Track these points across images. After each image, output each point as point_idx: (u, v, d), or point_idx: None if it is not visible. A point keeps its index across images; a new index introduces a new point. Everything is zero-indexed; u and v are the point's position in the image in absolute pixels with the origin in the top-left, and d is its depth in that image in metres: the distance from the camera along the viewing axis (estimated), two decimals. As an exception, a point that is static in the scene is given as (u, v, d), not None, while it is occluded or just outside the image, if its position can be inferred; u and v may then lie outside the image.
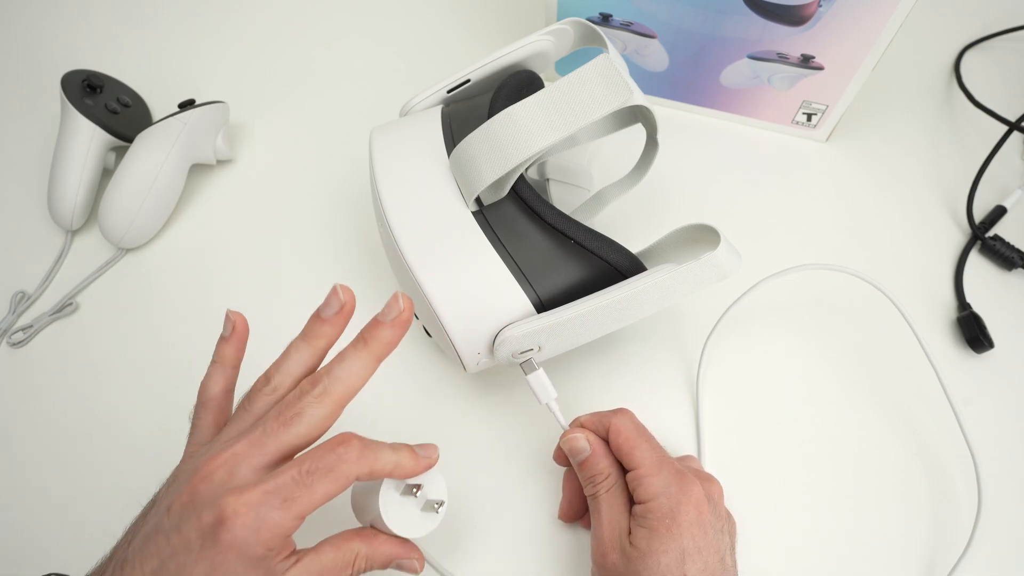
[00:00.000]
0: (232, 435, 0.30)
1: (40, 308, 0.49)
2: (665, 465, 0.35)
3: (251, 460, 0.28)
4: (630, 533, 0.34)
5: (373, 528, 0.32)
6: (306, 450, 0.29)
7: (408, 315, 0.31)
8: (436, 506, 0.32)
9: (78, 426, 0.45)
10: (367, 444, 0.29)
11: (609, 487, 0.36)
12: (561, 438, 0.38)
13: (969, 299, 0.47)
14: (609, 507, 0.35)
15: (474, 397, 0.45)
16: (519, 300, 0.35)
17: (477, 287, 0.35)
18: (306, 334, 0.32)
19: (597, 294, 0.35)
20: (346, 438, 0.29)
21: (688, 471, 0.35)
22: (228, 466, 0.28)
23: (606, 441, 0.37)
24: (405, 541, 0.32)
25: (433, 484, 0.32)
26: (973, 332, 0.45)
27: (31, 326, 0.48)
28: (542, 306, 0.35)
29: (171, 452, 0.45)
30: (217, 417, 0.33)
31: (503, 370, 0.45)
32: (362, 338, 0.31)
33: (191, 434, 0.33)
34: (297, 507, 0.27)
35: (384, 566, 0.31)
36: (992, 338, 0.44)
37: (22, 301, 0.49)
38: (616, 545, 0.34)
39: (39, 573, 0.39)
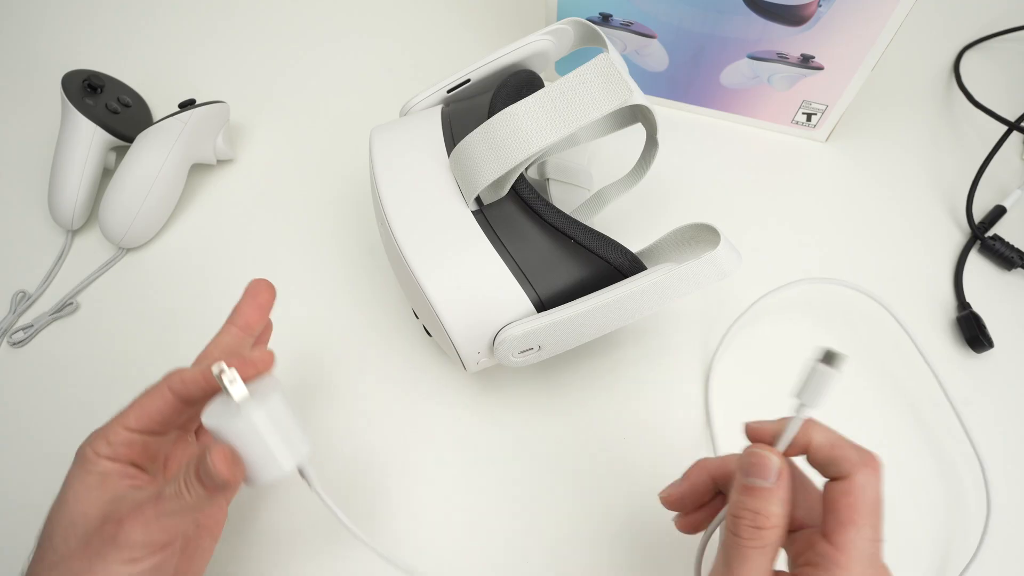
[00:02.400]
0: None
1: (40, 308, 0.49)
2: (869, 569, 0.26)
3: None
4: None
5: None
6: None
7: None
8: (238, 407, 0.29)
9: (78, 426, 0.45)
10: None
11: (768, 543, 0.26)
12: (755, 446, 0.28)
13: (969, 299, 0.47)
14: (756, 569, 0.26)
15: (474, 397, 0.45)
16: (519, 299, 0.35)
17: (477, 286, 0.35)
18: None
19: (597, 293, 0.35)
20: None
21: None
22: None
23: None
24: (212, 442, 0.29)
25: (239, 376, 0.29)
26: (973, 332, 0.45)
27: (31, 326, 0.48)
28: (542, 305, 0.35)
29: (171, 451, 0.44)
30: None
31: (503, 370, 0.45)
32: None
33: None
34: (119, 416, 0.32)
35: (197, 467, 0.28)
36: (992, 338, 0.44)
37: (22, 301, 0.49)
38: None
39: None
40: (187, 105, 0.52)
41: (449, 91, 0.42)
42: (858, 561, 0.26)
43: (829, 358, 0.27)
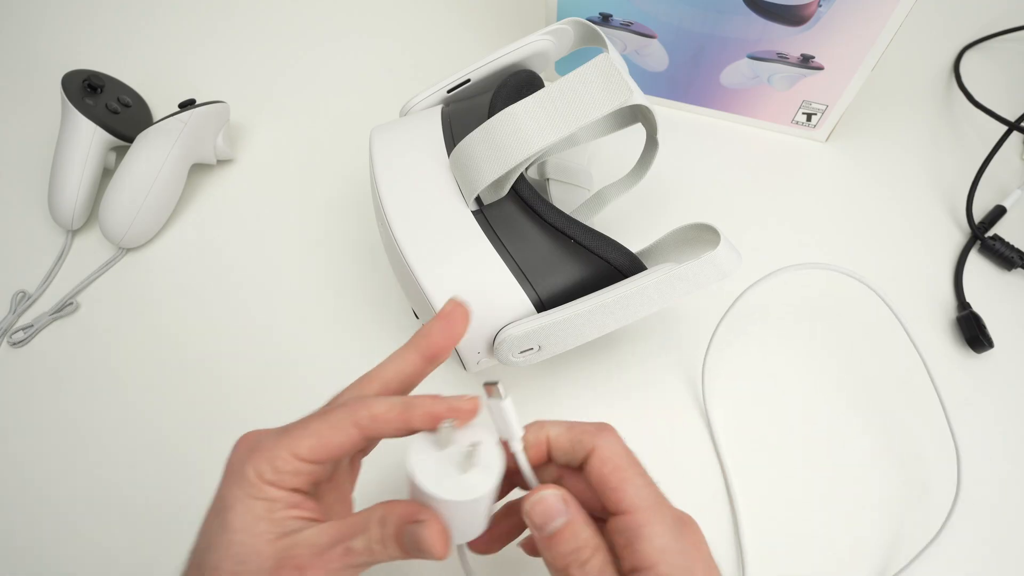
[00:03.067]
0: None
1: (40, 308, 0.49)
2: (664, 507, 0.27)
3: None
4: None
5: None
6: None
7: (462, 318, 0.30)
8: (476, 463, 0.26)
9: (78, 426, 0.45)
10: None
11: (599, 564, 0.26)
12: (526, 499, 0.27)
13: (969, 299, 0.47)
14: None
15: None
16: (519, 299, 0.35)
17: (477, 286, 0.35)
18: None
19: (597, 293, 0.35)
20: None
21: (676, 508, 0.27)
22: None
23: (578, 470, 0.28)
24: (422, 508, 0.26)
25: (482, 442, 0.27)
26: (973, 332, 0.45)
27: (31, 326, 0.48)
28: (542, 305, 0.35)
29: (170, 451, 0.45)
30: None
31: (503, 370, 0.45)
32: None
33: None
34: (290, 437, 0.27)
35: (398, 529, 0.26)
36: (992, 338, 0.44)
37: (22, 301, 0.49)
38: None
39: (39, 572, 0.39)
40: (187, 105, 0.52)
41: (449, 91, 0.42)
42: (652, 509, 0.26)
43: (490, 390, 0.28)
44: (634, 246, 0.39)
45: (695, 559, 0.26)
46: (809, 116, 0.53)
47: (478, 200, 0.36)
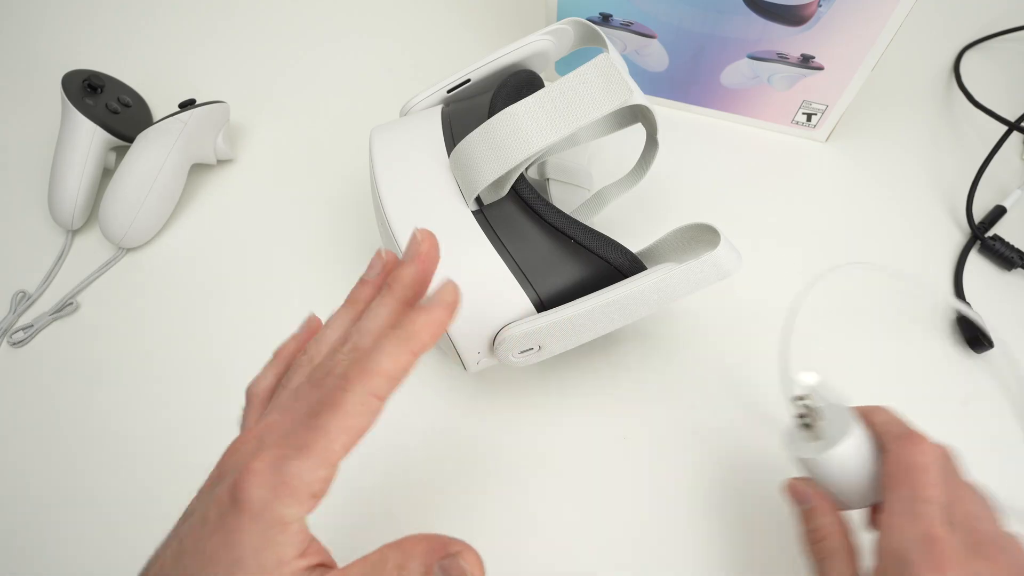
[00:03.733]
0: (269, 411, 0.28)
1: (40, 308, 0.49)
2: (920, 520, 0.28)
3: (282, 427, 0.25)
4: None
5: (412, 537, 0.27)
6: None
7: (429, 248, 0.29)
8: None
9: (78, 425, 0.45)
10: (359, 350, 0.26)
11: (832, 549, 0.31)
12: (786, 487, 0.34)
13: (969, 299, 0.47)
14: (834, 570, 0.31)
15: (474, 397, 0.45)
16: (519, 299, 0.35)
17: (477, 286, 0.35)
18: (346, 301, 0.30)
19: (597, 293, 0.35)
20: (336, 360, 0.26)
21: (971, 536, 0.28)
22: (258, 437, 0.26)
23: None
24: (446, 540, 0.26)
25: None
26: (973, 332, 0.45)
27: (31, 326, 0.48)
28: (542, 305, 0.35)
29: (170, 451, 0.45)
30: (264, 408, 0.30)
31: (503, 370, 0.45)
32: (386, 285, 0.29)
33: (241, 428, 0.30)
34: (314, 452, 0.24)
35: (427, 569, 0.25)
36: (992, 338, 0.44)
37: (22, 301, 0.49)
38: None
39: (39, 572, 0.39)
40: (187, 105, 0.52)
41: (449, 91, 0.42)
42: (898, 515, 0.28)
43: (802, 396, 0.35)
44: (634, 246, 0.39)
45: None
46: (809, 116, 0.53)
47: (478, 200, 0.36)
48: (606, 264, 0.36)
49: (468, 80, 0.41)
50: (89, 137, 0.51)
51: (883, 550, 0.28)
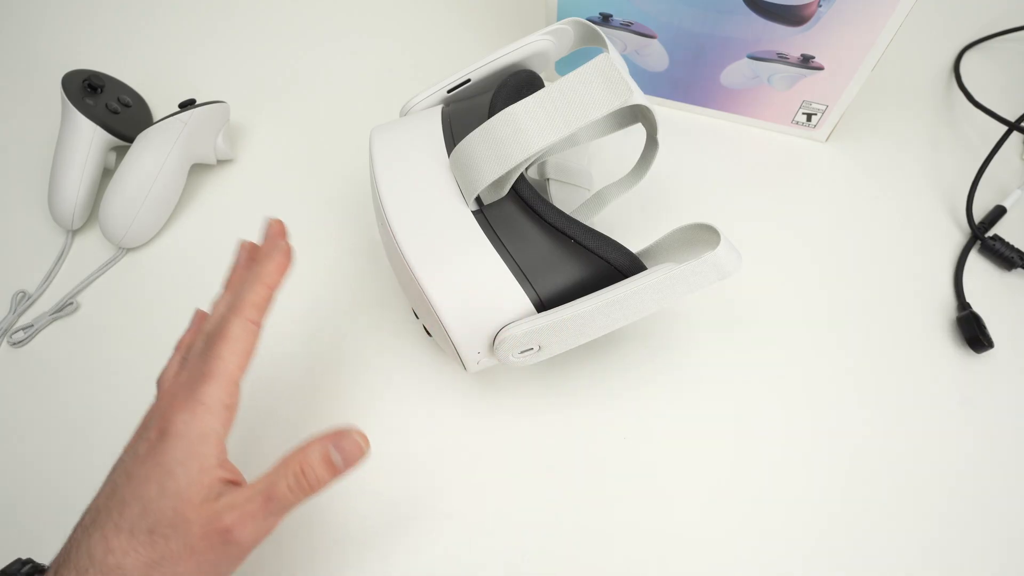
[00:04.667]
0: (173, 373, 0.34)
1: (41, 308, 0.49)
2: None
3: (186, 375, 0.32)
4: None
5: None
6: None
7: (278, 229, 0.38)
8: None
9: (78, 425, 0.45)
10: (232, 289, 0.35)
11: None
12: None
13: (969, 299, 0.47)
14: None
15: (474, 397, 0.45)
16: (519, 299, 0.35)
17: (477, 286, 0.35)
18: (224, 286, 0.37)
19: (597, 293, 0.35)
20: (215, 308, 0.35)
21: None
22: (170, 393, 0.32)
23: None
24: (333, 431, 0.32)
25: None
26: (973, 332, 0.45)
27: (32, 325, 0.48)
28: (542, 305, 0.35)
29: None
30: None
31: (503, 370, 0.45)
32: (253, 265, 0.36)
33: None
34: (216, 374, 0.31)
35: (323, 461, 0.31)
36: (992, 338, 0.44)
37: (23, 301, 0.49)
38: None
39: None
40: (187, 105, 0.52)
41: (449, 91, 0.42)
42: None
43: None
44: (634, 246, 0.39)
45: None
46: (809, 116, 0.53)
47: (478, 200, 0.36)
48: (606, 264, 0.36)
49: (468, 80, 0.41)
50: (89, 137, 0.51)
51: None
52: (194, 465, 0.29)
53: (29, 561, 0.33)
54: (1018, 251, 0.48)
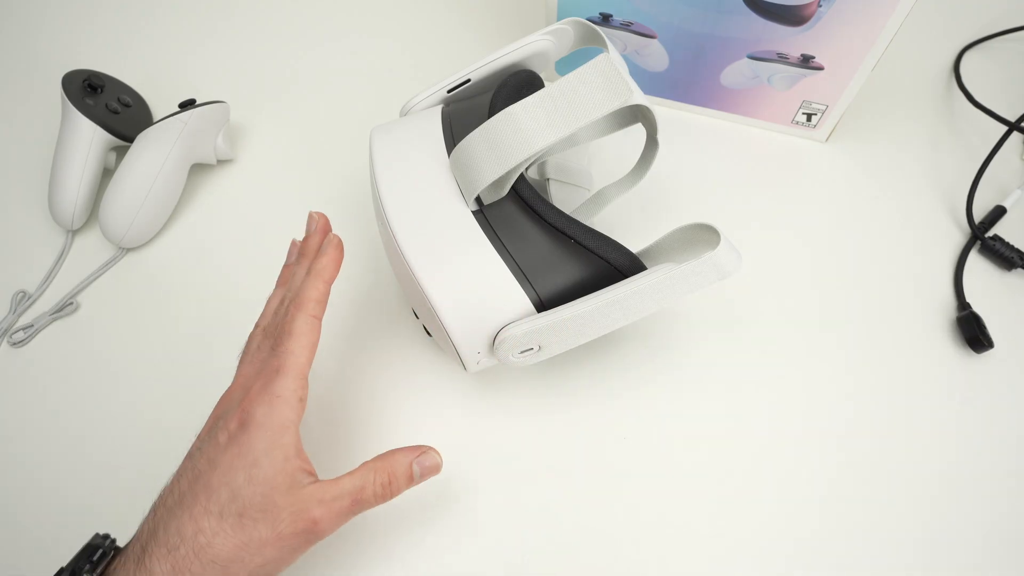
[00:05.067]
0: (240, 368, 0.36)
1: (41, 308, 0.49)
2: None
3: (254, 370, 0.34)
4: None
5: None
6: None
7: (322, 223, 0.40)
8: None
9: (78, 425, 0.45)
10: (295, 297, 0.36)
11: None
12: None
13: (969, 299, 0.47)
14: None
15: (474, 397, 0.45)
16: (519, 299, 0.35)
17: (477, 286, 0.35)
18: (276, 283, 0.39)
19: (597, 293, 0.35)
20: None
21: None
22: (240, 386, 0.34)
23: None
24: (414, 446, 0.35)
25: None
26: (973, 332, 0.45)
27: (32, 325, 0.48)
28: (542, 305, 0.35)
29: (170, 451, 0.45)
30: None
31: (503, 370, 0.45)
32: (300, 255, 0.39)
33: None
34: (288, 368, 0.33)
35: (407, 473, 0.35)
36: (992, 338, 0.44)
37: (23, 301, 0.49)
38: None
39: (40, 571, 0.39)
40: (187, 105, 0.52)
41: (449, 91, 0.42)
42: None
43: None
44: (634, 246, 0.39)
45: None
46: (809, 116, 0.53)
47: (478, 200, 0.36)
48: (606, 264, 0.36)
49: (468, 80, 0.41)
50: (89, 137, 0.51)
51: None
52: (278, 455, 0.31)
53: (107, 536, 0.34)
54: (1018, 251, 0.48)
